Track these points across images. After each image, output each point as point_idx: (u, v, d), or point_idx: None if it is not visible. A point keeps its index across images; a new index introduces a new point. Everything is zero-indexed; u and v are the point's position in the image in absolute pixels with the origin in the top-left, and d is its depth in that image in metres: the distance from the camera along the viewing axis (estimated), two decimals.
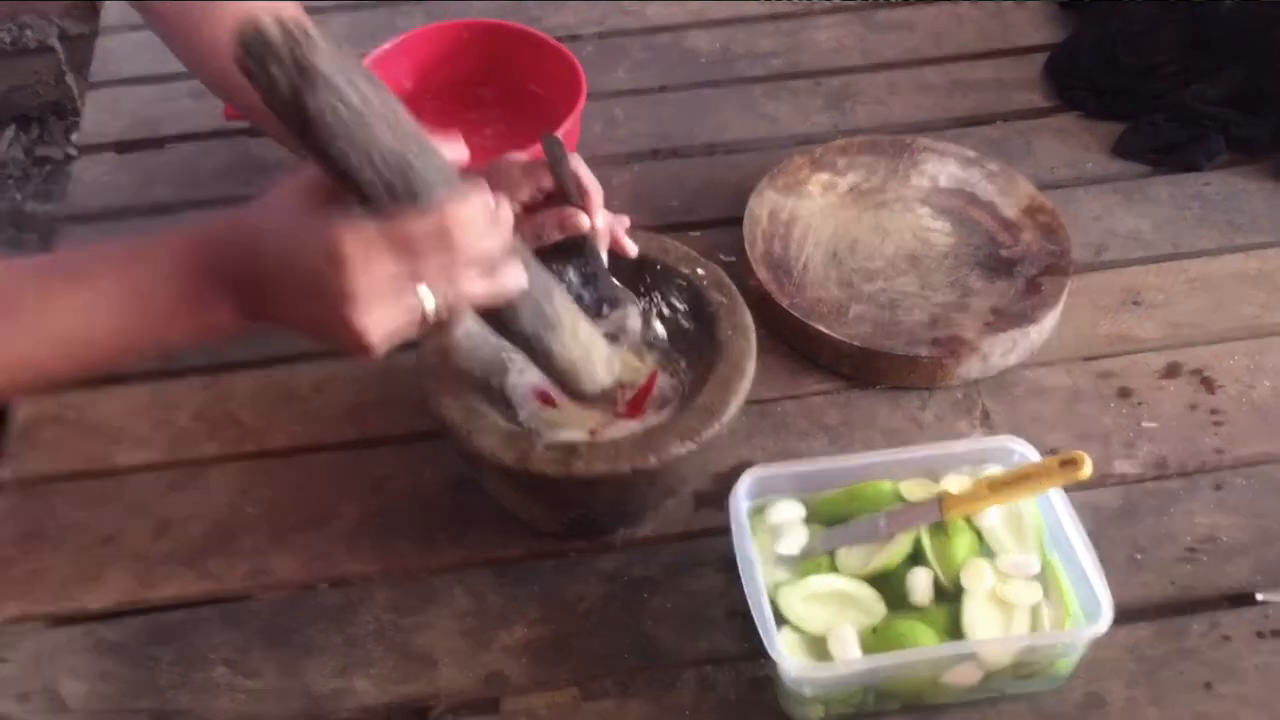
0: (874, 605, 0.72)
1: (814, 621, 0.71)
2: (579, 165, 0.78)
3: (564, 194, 0.77)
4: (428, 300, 0.60)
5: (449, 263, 0.60)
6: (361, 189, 0.58)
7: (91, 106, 1.16)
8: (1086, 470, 0.71)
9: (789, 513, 0.75)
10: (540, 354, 0.73)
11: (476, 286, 0.62)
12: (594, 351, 0.76)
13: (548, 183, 0.78)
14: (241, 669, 0.75)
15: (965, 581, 0.72)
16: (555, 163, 0.77)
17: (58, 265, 0.65)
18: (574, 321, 0.74)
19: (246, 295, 0.62)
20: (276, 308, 0.62)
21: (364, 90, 0.55)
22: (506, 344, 0.81)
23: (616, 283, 0.81)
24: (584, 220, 0.77)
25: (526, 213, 0.79)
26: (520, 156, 0.80)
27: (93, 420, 0.88)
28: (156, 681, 0.75)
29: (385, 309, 0.59)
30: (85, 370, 0.67)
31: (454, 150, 0.62)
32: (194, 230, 0.63)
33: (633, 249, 0.81)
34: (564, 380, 0.75)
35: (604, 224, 0.79)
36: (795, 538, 0.74)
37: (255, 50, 0.53)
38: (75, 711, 0.74)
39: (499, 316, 0.69)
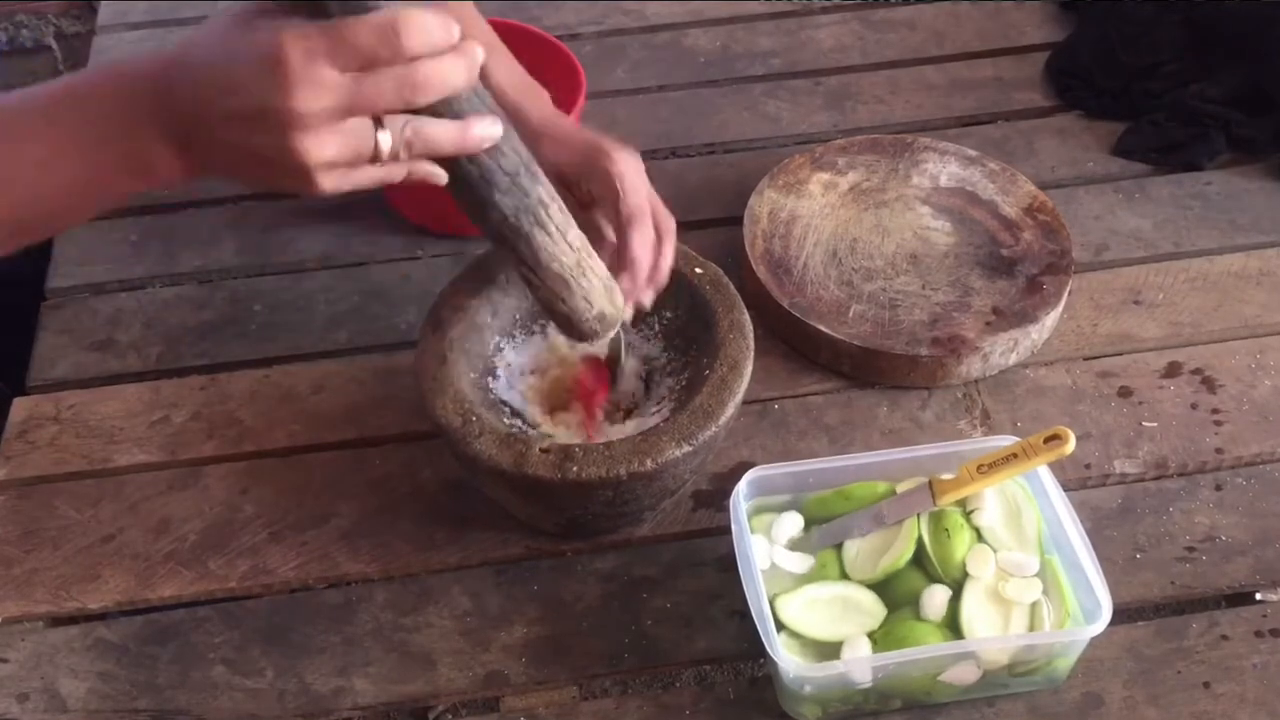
0: (874, 608, 0.72)
1: (814, 627, 0.71)
2: (641, 243, 0.74)
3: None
4: (384, 139, 0.56)
5: (402, 82, 0.54)
6: None
7: None
8: (1070, 446, 0.71)
9: (790, 525, 0.75)
10: (526, 254, 0.66)
11: (438, 127, 0.57)
12: (590, 267, 0.70)
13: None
14: (240, 668, 0.75)
15: (970, 568, 0.72)
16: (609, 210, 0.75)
17: None
18: (565, 220, 0.68)
19: (184, 127, 0.57)
20: (215, 136, 0.57)
21: None
22: (504, 342, 0.82)
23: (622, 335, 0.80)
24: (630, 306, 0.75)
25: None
26: (631, 165, 0.76)
27: (91, 420, 0.88)
28: (155, 681, 0.75)
29: (331, 132, 0.54)
30: (35, 227, 0.63)
31: None
32: (121, 67, 0.59)
33: (647, 305, 0.77)
34: (556, 299, 0.70)
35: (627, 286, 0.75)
36: (798, 559, 0.74)
37: None
38: (74, 711, 0.74)
39: (473, 189, 0.63)
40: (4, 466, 0.85)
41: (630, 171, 0.75)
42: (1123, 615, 0.76)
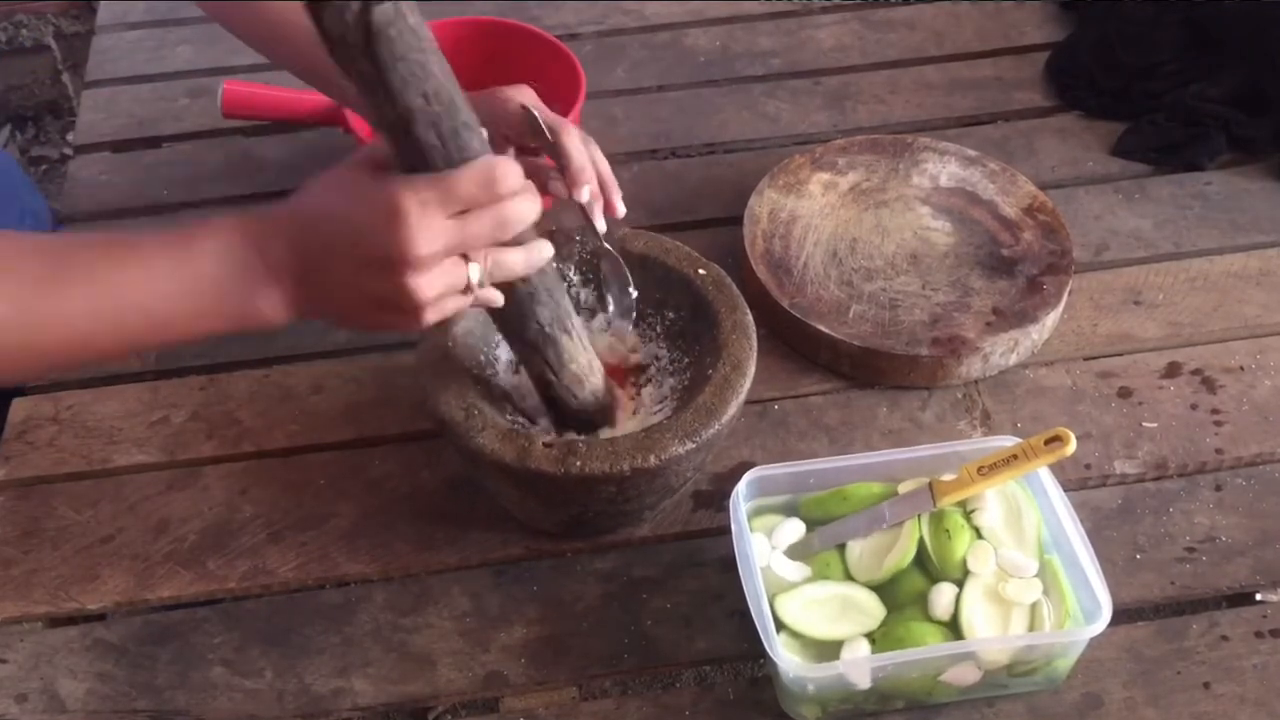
0: (874, 608, 0.72)
1: (813, 627, 0.71)
2: (576, 144, 0.78)
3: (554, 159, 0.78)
4: (474, 271, 0.62)
5: (496, 222, 0.62)
6: (410, 133, 0.58)
7: (87, 106, 1.15)
8: (1071, 447, 0.71)
9: (790, 532, 0.75)
10: (552, 359, 0.73)
11: (512, 255, 0.64)
12: (596, 363, 0.77)
13: (530, 142, 0.79)
14: (239, 669, 0.75)
15: (971, 564, 0.72)
16: (535, 134, 0.78)
17: (110, 241, 0.66)
18: (581, 325, 0.75)
19: (299, 273, 0.62)
20: (335, 282, 0.62)
21: (419, 19, 0.56)
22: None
23: (618, 255, 0.81)
24: (559, 189, 0.78)
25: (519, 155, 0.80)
26: (524, 96, 0.80)
27: (91, 420, 0.88)
28: (154, 682, 0.75)
29: (437, 273, 0.61)
30: (131, 349, 0.67)
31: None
32: (249, 214, 0.64)
33: (621, 209, 0.81)
34: (570, 395, 0.75)
35: (588, 197, 0.78)
36: (795, 568, 0.74)
37: None
38: (73, 712, 0.73)
39: (521, 305, 0.69)
40: (3, 467, 0.85)
41: (526, 96, 0.82)
42: (1123, 616, 0.76)
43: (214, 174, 1.07)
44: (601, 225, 0.79)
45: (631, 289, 0.82)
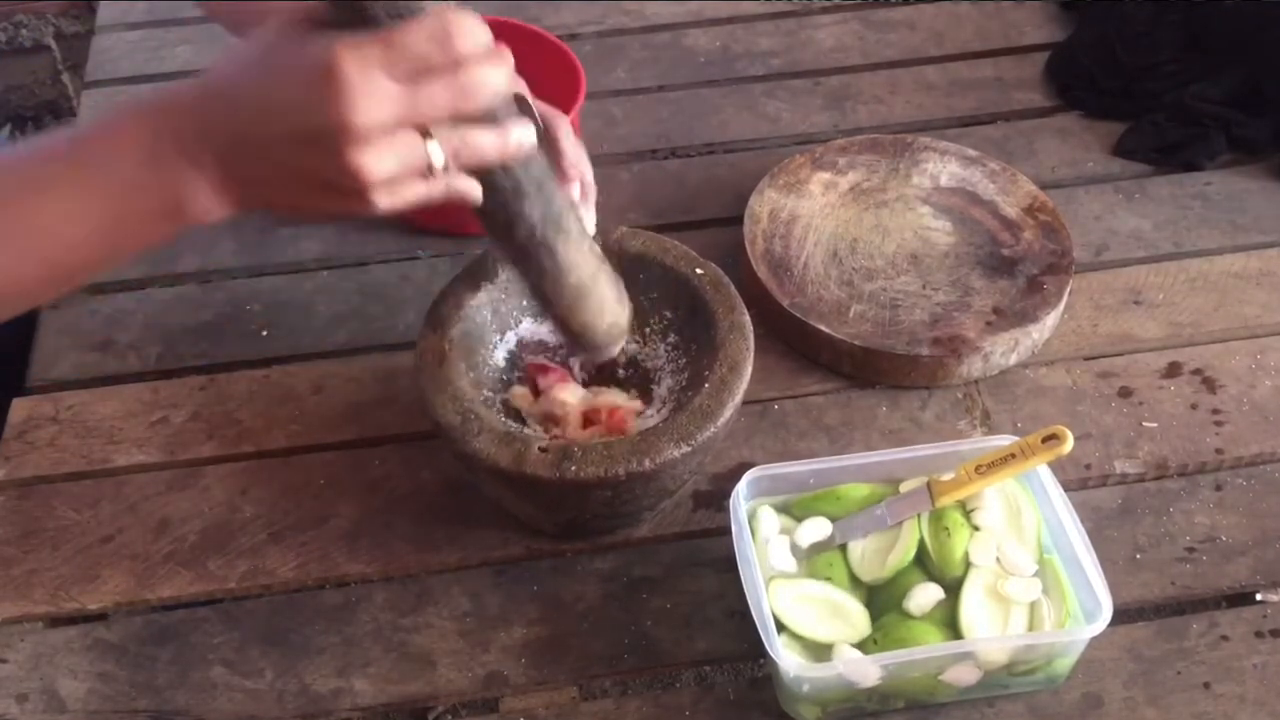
0: (860, 621, 0.71)
1: (803, 624, 0.71)
2: (570, 137, 0.76)
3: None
4: (434, 150, 0.54)
5: (456, 89, 0.53)
6: None
7: (87, 106, 1.16)
8: (1068, 445, 0.71)
9: (814, 530, 0.75)
10: (549, 267, 0.65)
11: (484, 135, 0.56)
12: (602, 275, 0.69)
13: None
14: (240, 669, 0.75)
15: (973, 555, 0.72)
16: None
17: (10, 175, 0.59)
18: (581, 228, 0.67)
19: (225, 158, 0.55)
20: (263, 163, 0.55)
21: None
22: (503, 340, 0.82)
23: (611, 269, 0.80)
24: None
25: None
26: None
27: (90, 420, 0.88)
28: (155, 682, 0.75)
29: (386, 147, 0.53)
30: (68, 280, 0.61)
31: None
32: (145, 106, 0.56)
33: (592, 222, 0.76)
34: (572, 314, 0.69)
35: (579, 193, 0.75)
36: (790, 562, 0.74)
37: None
38: (73, 712, 0.73)
39: (506, 203, 0.61)
40: (3, 467, 0.85)
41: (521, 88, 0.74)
42: (1123, 615, 0.76)
43: None
44: (591, 224, 0.78)
45: (625, 302, 0.78)
